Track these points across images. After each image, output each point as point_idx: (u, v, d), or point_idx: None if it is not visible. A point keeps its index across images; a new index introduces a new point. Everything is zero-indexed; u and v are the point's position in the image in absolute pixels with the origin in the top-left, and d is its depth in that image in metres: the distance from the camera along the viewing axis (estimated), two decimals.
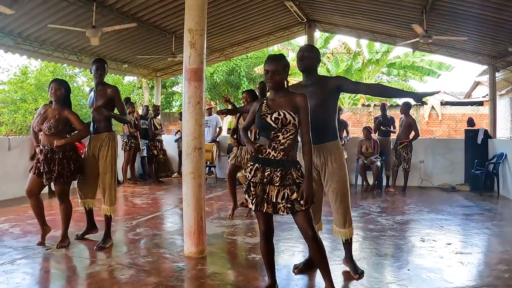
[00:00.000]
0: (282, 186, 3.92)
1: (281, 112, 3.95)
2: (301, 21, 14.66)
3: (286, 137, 3.98)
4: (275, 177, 3.95)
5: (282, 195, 3.95)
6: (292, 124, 3.96)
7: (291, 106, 3.98)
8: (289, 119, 3.93)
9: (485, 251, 6.11)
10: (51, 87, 5.86)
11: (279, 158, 3.96)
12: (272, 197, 3.97)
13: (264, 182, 3.99)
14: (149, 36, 12.93)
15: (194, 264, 5.25)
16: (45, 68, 26.65)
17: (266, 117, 3.98)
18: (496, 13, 9.44)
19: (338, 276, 4.81)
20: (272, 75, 4.04)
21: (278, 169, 3.96)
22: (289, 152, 3.99)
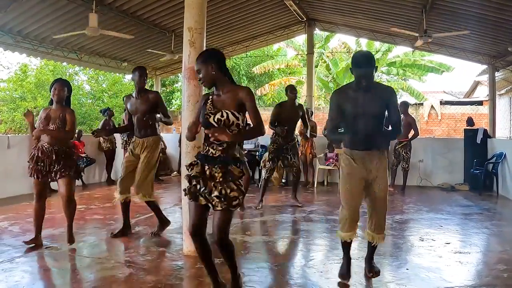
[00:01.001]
0: (223, 182, 3.83)
1: (224, 113, 3.87)
2: (300, 20, 14.70)
3: None
4: (216, 174, 3.87)
5: (219, 191, 3.82)
6: (235, 124, 3.89)
7: (235, 103, 3.88)
8: (232, 120, 3.86)
9: (484, 250, 6.11)
10: (55, 87, 5.86)
11: (217, 155, 3.90)
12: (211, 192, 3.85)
13: (204, 177, 3.92)
14: (148, 34, 12.93)
15: (193, 262, 5.25)
16: (45, 66, 26.60)
17: (209, 117, 3.89)
18: (496, 12, 9.44)
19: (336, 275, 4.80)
20: (200, 76, 3.97)
21: (216, 166, 3.88)
22: (229, 150, 3.92)
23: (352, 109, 4.40)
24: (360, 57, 4.38)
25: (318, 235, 6.99)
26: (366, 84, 4.31)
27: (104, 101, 27.79)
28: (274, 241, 6.42)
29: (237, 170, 3.87)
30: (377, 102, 4.39)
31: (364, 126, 4.39)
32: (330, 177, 12.69)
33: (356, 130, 4.42)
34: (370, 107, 4.35)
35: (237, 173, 3.87)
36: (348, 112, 4.45)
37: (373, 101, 4.37)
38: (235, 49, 16.86)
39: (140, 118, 6.39)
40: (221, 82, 3.94)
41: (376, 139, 4.50)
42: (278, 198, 10.23)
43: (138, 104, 6.37)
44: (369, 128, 4.38)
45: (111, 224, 7.16)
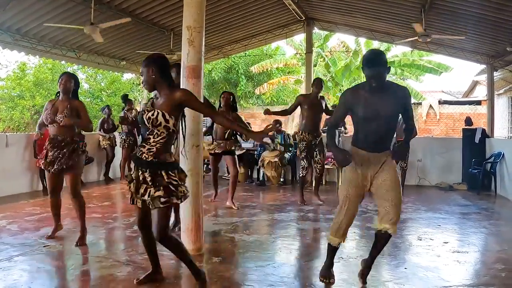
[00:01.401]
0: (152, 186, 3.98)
1: (155, 112, 4.02)
2: (299, 19, 14.69)
3: (156, 140, 4.05)
4: (146, 178, 4.02)
5: (148, 193, 3.99)
6: (163, 126, 4.00)
7: (170, 105, 4.03)
8: (160, 120, 3.98)
9: (482, 250, 6.12)
10: (62, 78, 5.93)
11: (149, 159, 4.03)
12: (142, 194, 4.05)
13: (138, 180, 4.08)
14: (147, 33, 12.93)
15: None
16: (44, 65, 26.58)
17: (144, 114, 4.08)
18: (495, 12, 9.45)
19: (335, 273, 4.80)
20: (142, 79, 4.21)
21: (147, 170, 4.02)
22: (160, 155, 4.04)
23: (364, 110, 4.22)
24: (370, 56, 4.22)
25: (317, 234, 7.00)
26: (377, 84, 4.13)
27: (103, 100, 27.78)
28: (272, 240, 6.42)
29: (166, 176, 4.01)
30: (390, 103, 4.20)
31: (376, 128, 4.24)
32: (328, 176, 12.69)
33: (367, 132, 4.28)
34: (382, 109, 4.16)
35: (166, 179, 4.00)
36: (359, 113, 4.27)
37: (386, 102, 4.18)
38: (234, 48, 16.87)
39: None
40: (160, 86, 4.14)
41: (387, 142, 4.38)
42: (277, 197, 10.23)
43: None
44: (381, 131, 4.26)
45: (109, 223, 7.16)
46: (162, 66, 4.14)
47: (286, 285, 4.52)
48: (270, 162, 11.88)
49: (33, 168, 10.11)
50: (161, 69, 4.11)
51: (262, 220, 7.81)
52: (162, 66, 4.15)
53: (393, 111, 4.26)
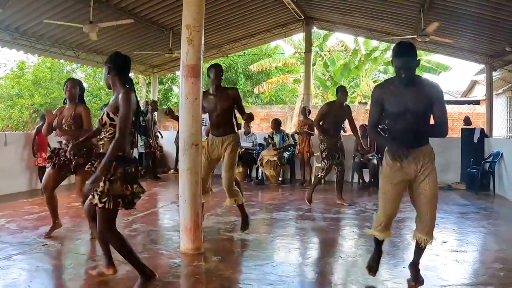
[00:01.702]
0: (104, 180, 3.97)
1: (102, 112, 4.15)
2: (298, 18, 14.70)
3: (105, 135, 4.12)
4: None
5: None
6: (108, 124, 4.06)
7: (114, 106, 4.05)
8: (104, 120, 4.06)
9: (481, 249, 6.12)
10: (66, 84, 6.07)
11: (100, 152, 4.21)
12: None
13: None
14: (146, 32, 12.93)
15: (190, 260, 5.26)
16: (43, 63, 26.57)
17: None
18: (493, 12, 9.46)
19: (333, 273, 4.81)
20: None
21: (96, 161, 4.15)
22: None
23: (394, 105, 4.12)
24: (400, 46, 4.11)
25: (315, 233, 7.01)
26: (407, 76, 4.03)
27: (102, 99, 27.78)
28: (271, 239, 6.42)
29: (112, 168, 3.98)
30: (421, 99, 4.07)
31: (406, 125, 4.11)
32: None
33: (399, 129, 4.18)
34: (413, 104, 4.05)
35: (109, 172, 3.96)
36: (389, 109, 4.18)
37: (417, 97, 4.07)
38: (233, 47, 16.89)
39: (219, 116, 6.37)
40: (114, 84, 4.15)
41: (420, 139, 4.23)
42: (275, 196, 10.24)
43: (217, 101, 6.32)
44: (413, 128, 4.11)
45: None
46: (118, 66, 4.16)
47: (285, 284, 4.52)
48: (269, 161, 11.88)
49: (32, 167, 10.12)
50: (118, 68, 4.14)
51: (261, 219, 7.81)
52: (119, 65, 4.17)
53: (423, 107, 4.10)
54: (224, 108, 6.30)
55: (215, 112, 6.35)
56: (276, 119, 12.68)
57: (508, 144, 11.05)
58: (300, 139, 12.10)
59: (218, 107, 6.31)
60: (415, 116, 4.08)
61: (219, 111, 6.33)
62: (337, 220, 7.75)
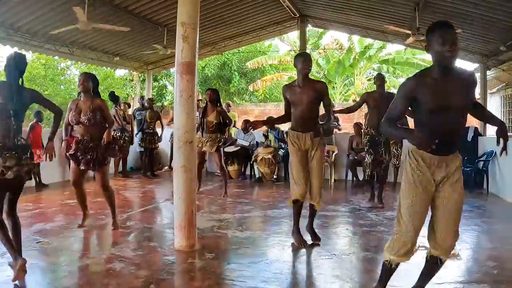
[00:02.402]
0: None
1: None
2: (293, 16, 14.69)
3: None
4: None
5: None
6: None
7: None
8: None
9: (474, 247, 6.14)
10: (79, 78, 6.28)
11: None
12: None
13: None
14: (141, 29, 12.90)
15: (185, 257, 5.27)
16: (37, 60, 26.50)
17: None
18: (488, 11, 9.49)
19: (327, 271, 4.82)
20: None
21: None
22: None
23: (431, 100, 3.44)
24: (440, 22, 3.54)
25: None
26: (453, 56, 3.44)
27: None
28: (265, 237, 6.43)
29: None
30: (462, 92, 3.49)
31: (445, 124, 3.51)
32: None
33: (435, 128, 3.49)
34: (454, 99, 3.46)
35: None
36: (424, 103, 3.48)
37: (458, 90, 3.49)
38: (228, 44, 16.84)
39: (305, 110, 5.73)
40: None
41: (458, 140, 3.74)
42: (270, 193, 10.24)
43: (304, 94, 5.73)
44: (452, 127, 3.59)
45: (102, 219, 7.14)
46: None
47: (279, 281, 4.53)
48: (263, 159, 11.89)
49: None
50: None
51: (255, 216, 7.82)
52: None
53: (464, 101, 3.56)
54: (309, 101, 5.70)
55: (300, 105, 5.73)
56: (271, 117, 12.68)
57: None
58: None
59: (304, 100, 5.70)
60: (455, 113, 3.53)
61: (305, 105, 5.71)
62: (331, 217, 7.76)
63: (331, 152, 12.16)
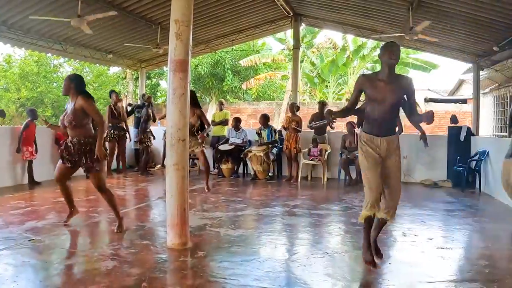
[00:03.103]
0: None
1: None
2: (287, 15, 14.71)
3: None
4: None
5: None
6: None
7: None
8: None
9: (466, 246, 6.17)
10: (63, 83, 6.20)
11: None
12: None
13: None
14: (134, 26, 12.88)
15: (177, 255, 5.26)
16: (30, 57, 26.42)
17: None
18: (481, 12, 9.51)
19: (319, 269, 4.82)
20: None
21: None
22: None
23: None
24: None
25: (302, 229, 7.02)
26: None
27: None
28: (257, 235, 6.43)
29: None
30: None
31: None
32: (314, 172, 12.73)
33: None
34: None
35: None
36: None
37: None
38: (221, 42, 16.85)
39: (387, 110, 4.86)
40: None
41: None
42: (262, 192, 10.24)
43: (388, 90, 4.82)
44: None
45: (94, 217, 7.13)
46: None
47: (271, 279, 4.53)
48: (255, 156, 11.89)
49: (18, 161, 10.03)
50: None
51: (247, 215, 7.81)
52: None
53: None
54: (394, 101, 4.83)
55: (382, 104, 4.84)
56: (264, 115, 12.69)
57: (494, 143, 11.13)
58: (287, 136, 12.10)
59: (388, 98, 4.81)
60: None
61: (388, 104, 4.83)
62: (323, 216, 7.77)
63: (324, 150, 12.17)
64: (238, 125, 12.90)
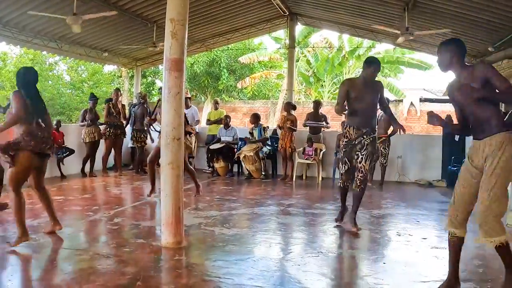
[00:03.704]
0: None
1: None
2: (283, 14, 14.72)
3: None
4: None
5: None
6: None
7: None
8: None
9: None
10: None
11: None
12: None
13: None
14: (130, 25, 12.86)
15: (172, 254, 5.26)
16: (25, 55, 26.39)
17: None
18: (477, 12, 9.53)
19: (314, 268, 4.83)
20: None
21: None
22: None
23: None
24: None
25: (296, 228, 7.03)
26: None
27: (84, 91, 27.62)
28: (252, 234, 6.43)
29: None
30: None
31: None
32: (308, 171, 12.75)
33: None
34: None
35: None
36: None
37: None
38: (217, 41, 16.85)
39: (475, 109, 4.20)
40: None
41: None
42: (257, 191, 10.24)
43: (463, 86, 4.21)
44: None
45: (89, 215, 7.12)
46: None
47: (265, 278, 4.54)
48: (246, 156, 11.90)
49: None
50: None
51: (242, 214, 7.82)
52: None
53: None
54: (474, 96, 4.05)
55: (469, 106, 4.28)
56: (254, 114, 12.72)
57: None
58: (282, 134, 12.11)
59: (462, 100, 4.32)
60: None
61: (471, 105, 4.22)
62: (318, 215, 7.78)
63: (318, 150, 12.18)
64: (228, 123, 12.94)
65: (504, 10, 8.98)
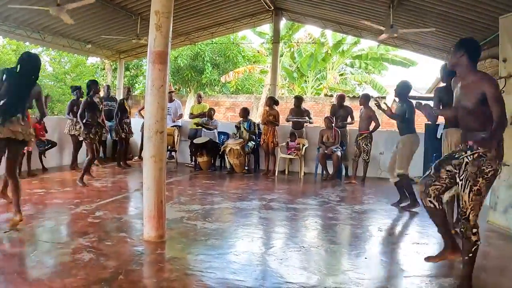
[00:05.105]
0: None
1: None
2: (268, 9, 14.70)
3: None
4: None
5: None
6: None
7: None
8: None
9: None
10: None
11: None
12: None
13: None
14: (114, 17, 12.78)
15: (154, 248, 5.24)
16: (8, 45, 26.14)
17: None
18: (462, 12, 9.60)
19: (295, 263, 4.85)
20: None
21: None
22: None
23: None
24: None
25: (278, 223, 7.05)
26: None
27: (66, 83, 27.43)
28: (234, 228, 6.44)
29: None
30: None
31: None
32: (291, 166, 12.76)
33: None
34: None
35: None
36: None
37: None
38: (201, 35, 16.81)
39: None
40: None
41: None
42: (239, 185, 10.24)
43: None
44: None
45: (71, 209, 7.07)
46: None
47: (247, 272, 4.54)
48: (232, 150, 11.89)
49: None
50: None
51: (224, 208, 7.82)
52: None
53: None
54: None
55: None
56: (244, 108, 12.70)
57: None
58: (265, 129, 12.12)
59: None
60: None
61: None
62: (300, 210, 7.80)
63: (301, 145, 12.20)
64: (212, 115, 13.01)
65: (488, 10, 9.04)
